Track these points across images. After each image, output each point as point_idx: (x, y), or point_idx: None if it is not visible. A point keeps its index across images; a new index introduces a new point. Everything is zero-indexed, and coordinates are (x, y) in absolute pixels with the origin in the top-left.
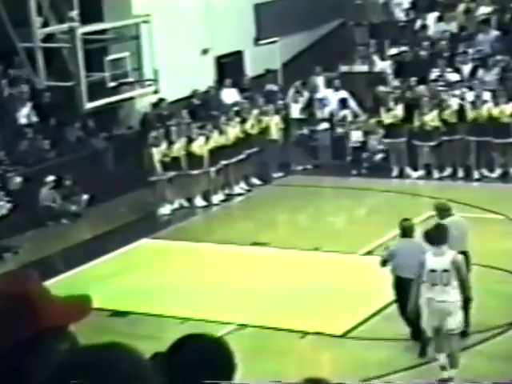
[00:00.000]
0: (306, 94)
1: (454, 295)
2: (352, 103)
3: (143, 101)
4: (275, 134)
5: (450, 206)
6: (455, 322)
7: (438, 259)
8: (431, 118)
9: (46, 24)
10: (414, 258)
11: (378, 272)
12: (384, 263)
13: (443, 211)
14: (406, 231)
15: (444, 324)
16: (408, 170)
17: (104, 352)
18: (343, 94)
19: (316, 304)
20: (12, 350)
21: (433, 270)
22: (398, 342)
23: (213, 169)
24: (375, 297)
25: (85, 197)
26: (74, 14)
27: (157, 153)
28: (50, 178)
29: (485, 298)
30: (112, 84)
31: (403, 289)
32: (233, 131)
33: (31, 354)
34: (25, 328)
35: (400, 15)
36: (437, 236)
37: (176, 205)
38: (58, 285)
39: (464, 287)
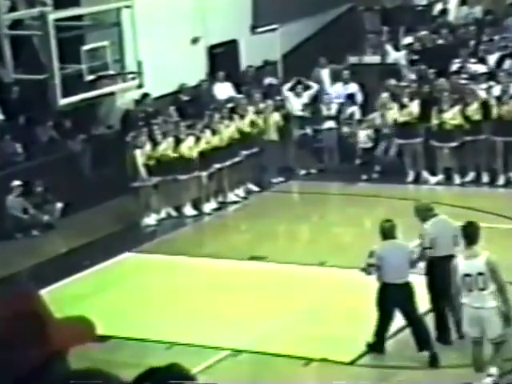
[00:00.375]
0: (315, 87)
1: (490, 301)
2: (359, 98)
3: (125, 96)
4: (274, 133)
5: (432, 207)
6: (495, 330)
7: (471, 262)
8: (452, 116)
9: (13, 8)
10: (400, 261)
11: None
12: (370, 269)
13: (424, 212)
14: (387, 232)
15: (484, 333)
16: (425, 175)
17: (86, 377)
18: (353, 87)
19: (321, 326)
20: (25, 376)
21: (467, 275)
22: (413, 371)
23: (204, 173)
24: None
25: (59, 205)
26: None
27: (140, 155)
28: (16, 182)
29: None
30: (90, 77)
31: (388, 297)
32: (227, 131)
33: (40, 379)
34: (38, 353)
35: None
36: (467, 236)
37: (163, 214)
38: None
39: (503, 291)
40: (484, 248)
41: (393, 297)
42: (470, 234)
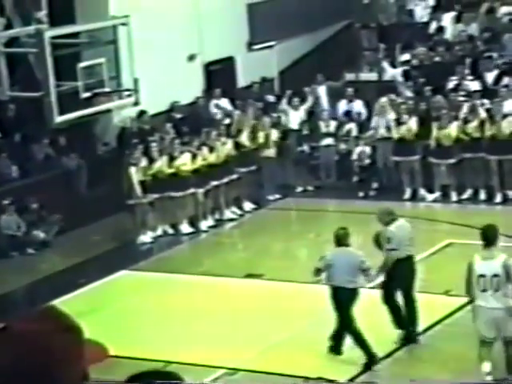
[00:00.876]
0: (310, 100)
1: (505, 301)
2: (364, 115)
3: (121, 114)
4: (271, 150)
5: (393, 211)
6: (510, 329)
7: (487, 263)
8: (450, 132)
9: (9, 26)
10: (350, 267)
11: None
12: (318, 272)
13: (387, 216)
14: (341, 239)
15: (501, 333)
16: (422, 192)
17: None
18: (358, 104)
19: (318, 345)
20: None
21: (482, 275)
22: None
23: (201, 190)
24: (385, 337)
25: (54, 223)
26: (42, 14)
27: (135, 172)
28: (5, 201)
29: None
30: (86, 95)
31: (339, 300)
32: (224, 148)
33: None
34: (80, 369)
35: (421, 14)
36: (486, 237)
37: (159, 232)
38: None
39: None
40: None
41: (341, 298)
42: (489, 236)
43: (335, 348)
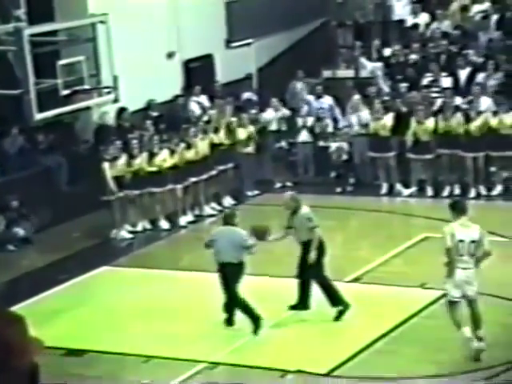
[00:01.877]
0: (287, 113)
1: (476, 264)
2: (336, 111)
3: (99, 111)
4: (250, 146)
5: (298, 198)
6: (474, 289)
7: (466, 230)
8: (427, 126)
9: None
10: (234, 244)
11: (367, 301)
12: (207, 248)
13: (293, 202)
14: (227, 219)
15: (464, 292)
16: (398, 187)
17: None
18: (328, 100)
19: (297, 338)
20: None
21: (461, 240)
22: (392, 381)
23: (179, 186)
24: (364, 328)
25: (35, 220)
26: (21, 12)
27: (109, 168)
28: None
29: (494, 331)
30: (65, 92)
31: (224, 273)
32: (202, 144)
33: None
34: (30, 359)
35: (401, 11)
36: (458, 208)
37: (138, 228)
38: None
39: (487, 255)
40: None
41: (226, 273)
42: (460, 206)
43: (229, 320)
